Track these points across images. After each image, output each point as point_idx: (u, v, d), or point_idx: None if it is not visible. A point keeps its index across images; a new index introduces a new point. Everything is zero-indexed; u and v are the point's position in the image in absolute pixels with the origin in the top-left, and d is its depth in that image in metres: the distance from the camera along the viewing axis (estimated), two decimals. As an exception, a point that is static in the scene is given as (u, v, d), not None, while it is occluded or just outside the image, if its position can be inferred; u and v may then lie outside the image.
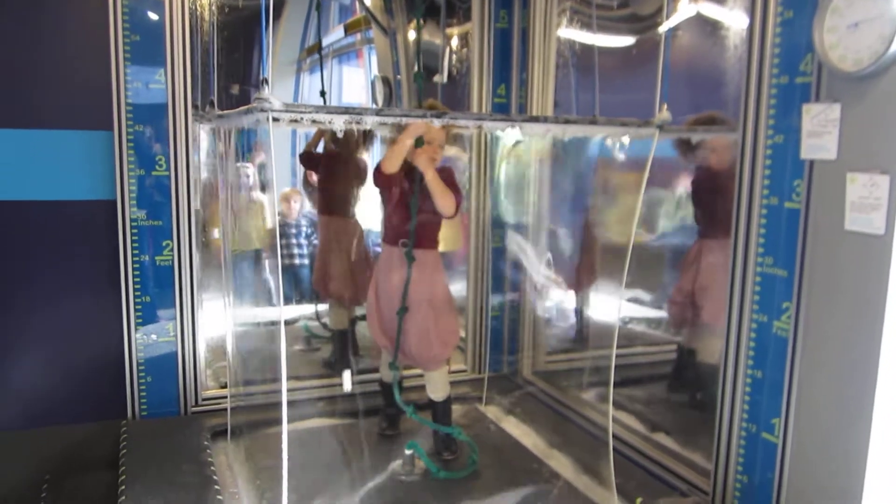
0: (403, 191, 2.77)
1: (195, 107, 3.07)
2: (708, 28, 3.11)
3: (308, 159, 4.00)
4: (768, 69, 2.15)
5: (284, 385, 1.77)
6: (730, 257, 2.34)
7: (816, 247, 2.04)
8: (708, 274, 3.11)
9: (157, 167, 3.01)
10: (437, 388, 2.98)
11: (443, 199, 2.75)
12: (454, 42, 4.03)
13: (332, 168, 3.86)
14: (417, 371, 3.12)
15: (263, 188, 4.63)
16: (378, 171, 2.71)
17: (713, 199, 3.01)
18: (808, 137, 2.02)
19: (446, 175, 2.84)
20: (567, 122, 2.54)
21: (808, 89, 2.03)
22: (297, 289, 4.93)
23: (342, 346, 3.88)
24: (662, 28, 3.01)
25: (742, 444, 2.35)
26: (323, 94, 4.02)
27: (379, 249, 3.09)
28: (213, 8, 3.41)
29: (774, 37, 2.13)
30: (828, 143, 1.96)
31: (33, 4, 2.87)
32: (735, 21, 2.73)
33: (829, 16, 1.89)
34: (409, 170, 2.73)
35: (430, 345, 2.87)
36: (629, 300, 3.83)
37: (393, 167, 2.65)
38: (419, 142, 2.65)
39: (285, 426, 1.90)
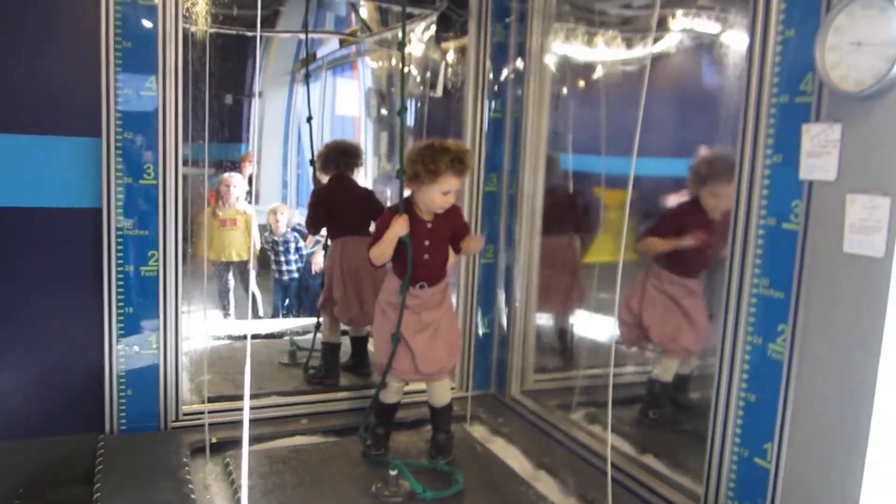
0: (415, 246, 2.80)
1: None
2: (706, 45, 3.11)
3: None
4: (768, 88, 2.13)
5: (247, 403, 1.70)
6: (724, 278, 2.31)
7: (814, 269, 2.00)
8: (653, 299, 3.18)
9: (145, 175, 2.95)
10: (442, 395, 2.99)
11: (475, 249, 3.13)
12: (450, 56, 4.01)
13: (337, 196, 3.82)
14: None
15: (251, 199, 4.60)
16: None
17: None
18: (808, 158, 1.99)
19: (456, 216, 2.92)
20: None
21: (809, 109, 2.00)
22: (283, 303, 4.89)
23: (334, 359, 3.83)
24: (659, 45, 3.00)
25: (734, 468, 2.30)
26: (310, 119, 4.00)
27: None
28: (208, 16, 3.38)
29: (775, 55, 2.10)
30: (827, 164, 1.93)
31: (24, 9, 2.82)
32: (735, 39, 2.73)
33: (832, 35, 1.86)
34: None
35: (440, 358, 2.90)
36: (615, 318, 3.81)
37: (383, 261, 2.81)
38: (405, 238, 2.73)
39: (246, 445, 1.82)
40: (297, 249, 4.78)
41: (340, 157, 3.82)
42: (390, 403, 3.03)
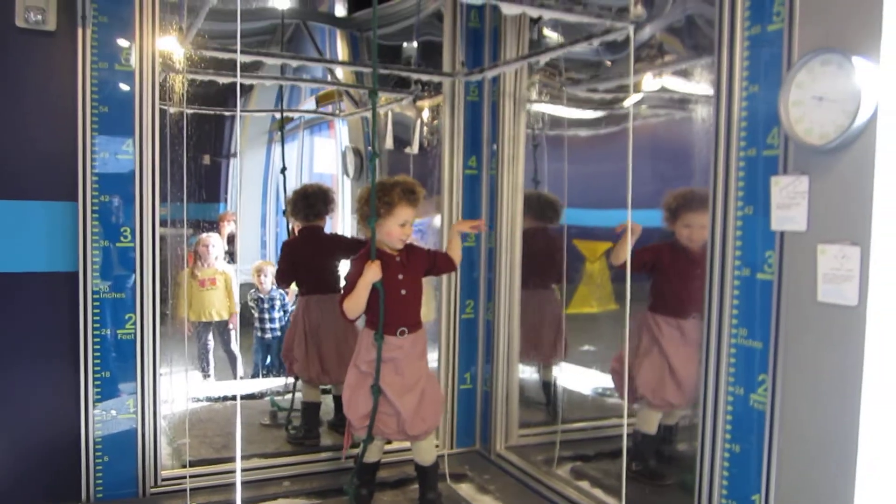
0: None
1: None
2: (675, 102, 3.19)
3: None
4: (736, 142, 2.18)
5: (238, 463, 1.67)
6: (703, 329, 2.32)
7: (790, 318, 2.03)
8: (645, 348, 3.19)
9: (122, 238, 2.94)
10: (429, 453, 2.96)
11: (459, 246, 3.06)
12: (425, 114, 4.08)
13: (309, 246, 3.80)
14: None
15: (230, 258, 4.58)
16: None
17: (674, 275, 3.08)
18: (778, 209, 2.03)
19: (420, 250, 2.98)
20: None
21: (776, 161, 2.05)
22: (265, 361, 4.83)
23: (314, 418, 3.78)
24: (629, 101, 3.07)
25: (723, 522, 2.28)
26: (284, 170, 4.03)
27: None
28: (185, 80, 3.42)
29: (741, 110, 2.16)
30: (797, 215, 1.97)
31: (0, 73, 2.84)
32: (702, 94, 2.80)
33: (794, 90, 1.92)
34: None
35: (425, 417, 2.88)
36: (599, 370, 3.83)
37: (358, 312, 2.82)
38: (378, 284, 2.76)
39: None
40: (283, 306, 4.76)
41: (307, 203, 3.74)
42: (372, 462, 2.99)
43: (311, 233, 3.78)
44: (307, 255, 3.74)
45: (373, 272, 2.74)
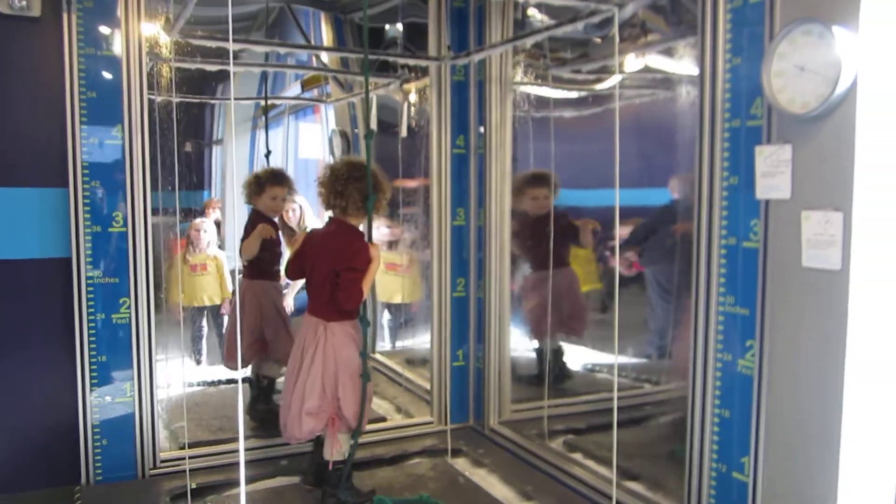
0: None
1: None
2: (658, 81, 3.23)
3: None
4: (720, 114, 2.23)
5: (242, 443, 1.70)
6: (692, 298, 2.38)
7: (776, 284, 2.08)
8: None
9: (113, 223, 2.96)
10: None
11: None
12: (412, 97, 4.10)
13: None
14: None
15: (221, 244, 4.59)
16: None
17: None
18: (762, 178, 2.08)
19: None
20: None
21: (760, 132, 2.10)
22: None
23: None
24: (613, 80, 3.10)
25: (713, 484, 2.35)
26: (268, 154, 4.05)
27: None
28: (172, 68, 3.42)
29: (725, 82, 2.21)
30: (781, 183, 2.02)
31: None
32: (685, 71, 2.84)
33: (776, 61, 1.97)
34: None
35: None
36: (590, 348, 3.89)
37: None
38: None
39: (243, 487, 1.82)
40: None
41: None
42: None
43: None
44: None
45: (377, 257, 2.79)
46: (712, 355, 2.33)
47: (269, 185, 3.62)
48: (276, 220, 3.70)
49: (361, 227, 2.85)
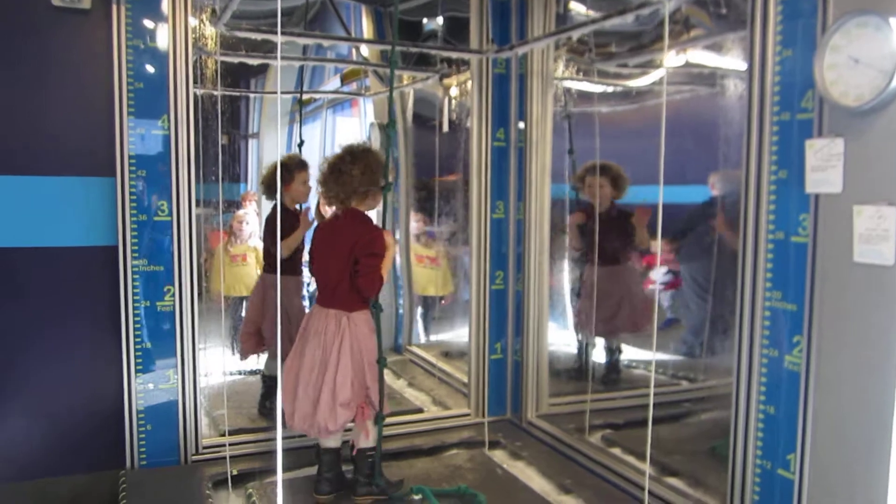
0: None
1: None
2: (704, 76, 3.20)
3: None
4: (769, 107, 2.20)
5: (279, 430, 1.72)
6: (737, 293, 2.35)
7: (825, 280, 2.05)
8: None
9: (159, 213, 3.01)
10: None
11: None
12: (453, 90, 4.10)
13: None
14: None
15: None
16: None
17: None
18: (813, 172, 2.05)
19: None
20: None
21: (810, 125, 2.07)
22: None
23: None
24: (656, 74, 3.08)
25: (757, 481, 2.32)
26: (301, 144, 4.09)
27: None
28: (216, 61, 3.47)
29: (774, 75, 2.18)
30: (832, 177, 1.99)
31: (38, 51, 2.90)
32: (732, 66, 2.80)
33: (829, 53, 1.94)
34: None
35: None
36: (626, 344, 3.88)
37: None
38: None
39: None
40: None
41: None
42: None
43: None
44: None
45: (393, 241, 2.81)
46: (757, 351, 2.30)
47: (297, 170, 3.64)
48: (311, 209, 3.72)
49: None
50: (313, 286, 4.53)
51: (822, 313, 2.07)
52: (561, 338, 3.93)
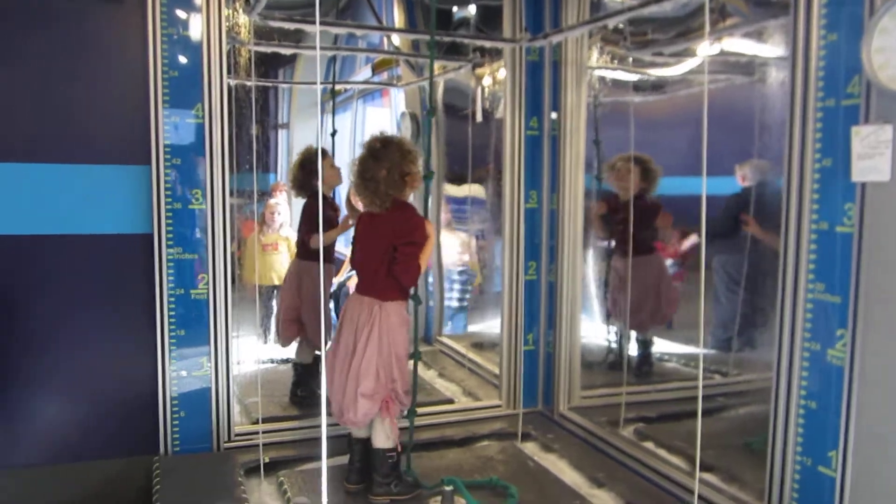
0: None
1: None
2: (743, 65, 3.12)
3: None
4: (813, 92, 2.14)
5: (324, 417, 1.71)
6: (778, 285, 2.30)
7: (872, 271, 1.99)
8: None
9: (193, 201, 3.02)
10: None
11: None
12: (487, 80, 4.07)
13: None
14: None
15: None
16: None
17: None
18: (859, 160, 1.98)
19: None
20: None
21: (857, 111, 2.00)
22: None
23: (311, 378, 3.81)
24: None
25: (796, 478, 2.27)
26: (334, 133, 4.08)
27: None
28: (251, 50, 3.47)
29: (819, 60, 2.11)
30: (880, 165, 1.93)
31: (73, 40, 2.93)
32: (772, 54, 2.73)
33: (878, 36, 1.87)
34: None
35: None
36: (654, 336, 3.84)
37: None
38: None
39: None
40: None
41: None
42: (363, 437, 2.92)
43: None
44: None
45: (434, 231, 2.80)
46: (799, 345, 2.24)
47: (324, 158, 3.70)
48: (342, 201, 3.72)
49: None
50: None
51: (868, 306, 2.01)
52: (591, 329, 3.89)
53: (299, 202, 3.89)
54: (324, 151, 3.72)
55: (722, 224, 3.22)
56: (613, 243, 3.78)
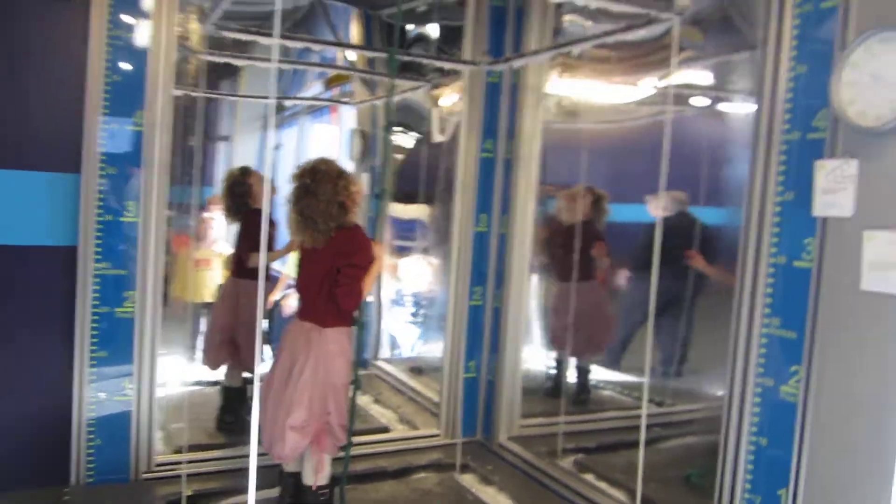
0: None
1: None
2: (696, 92, 3.14)
3: None
4: (779, 125, 2.12)
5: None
6: (732, 318, 2.26)
7: (830, 307, 1.96)
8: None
9: (125, 213, 2.82)
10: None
11: None
12: (443, 101, 4.00)
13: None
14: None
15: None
16: None
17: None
18: (822, 194, 1.96)
19: None
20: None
21: (822, 145, 1.99)
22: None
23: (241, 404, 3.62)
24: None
25: (745, 517, 2.22)
26: (278, 147, 3.94)
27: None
28: (199, 60, 3.32)
29: (786, 92, 2.10)
30: (843, 200, 1.91)
31: (11, 38, 2.72)
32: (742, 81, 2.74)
33: (849, 70, 1.86)
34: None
35: None
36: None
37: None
38: None
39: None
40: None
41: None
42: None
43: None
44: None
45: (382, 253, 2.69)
46: (751, 378, 2.20)
47: (249, 179, 3.45)
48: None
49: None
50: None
51: (824, 343, 1.98)
52: (535, 357, 3.84)
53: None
54: (248, 168, 3.54)
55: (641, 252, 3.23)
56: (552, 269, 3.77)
